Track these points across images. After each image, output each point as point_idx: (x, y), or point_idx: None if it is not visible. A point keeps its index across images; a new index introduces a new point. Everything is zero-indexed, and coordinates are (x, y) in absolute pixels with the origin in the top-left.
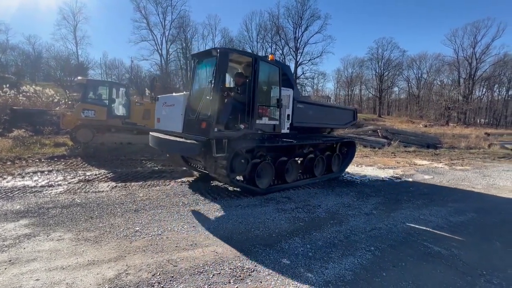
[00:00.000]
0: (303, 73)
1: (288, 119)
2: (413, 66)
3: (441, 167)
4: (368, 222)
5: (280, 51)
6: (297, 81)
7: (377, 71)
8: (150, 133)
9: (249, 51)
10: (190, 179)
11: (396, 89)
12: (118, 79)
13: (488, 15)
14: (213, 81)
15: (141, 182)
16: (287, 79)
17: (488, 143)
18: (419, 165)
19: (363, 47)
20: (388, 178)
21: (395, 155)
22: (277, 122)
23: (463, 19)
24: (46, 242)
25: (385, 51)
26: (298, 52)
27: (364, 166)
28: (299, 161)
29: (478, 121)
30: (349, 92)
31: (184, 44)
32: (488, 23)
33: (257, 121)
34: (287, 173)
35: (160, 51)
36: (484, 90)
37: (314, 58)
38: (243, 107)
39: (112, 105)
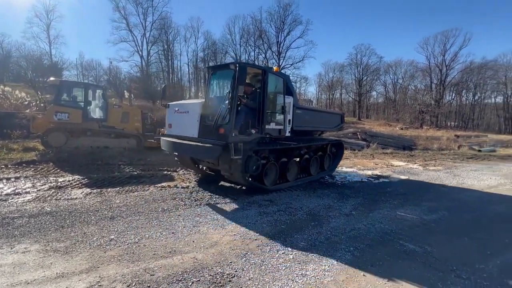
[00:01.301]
0: None
1: (289, 123)
2: (389, 72)
3: (416, 168)
4: (347, 223)
5: (263, 55)
6: None
7: (356, 76)
8: (163, 138)
9: (232, 54)
10: (171, 183)
11: (374, 93)
12: (95, 81)
13: (455, 25)
14: (231, 92)
15: (118, 188)
16: (288, 87)
17: (458, 145)
18: (396, 166)
19: (343, 52)
20: (367, 179)
21: (373, 156)
22: (282, 127)
23: (434, 28)
24: (9, 255)
25: (364, 57)
26: (281, 56)
27: (344, 168)
28: (297, 161)
29: (448, 124)
30: (330, 96)
31: (165, 46)
32: (456, 32)
33: (266, 126)
34: (288, 172)
35: (140, 53)
36: (453, 95)
37: (296, 63)
38: (253, 114)
39: (88, 108)
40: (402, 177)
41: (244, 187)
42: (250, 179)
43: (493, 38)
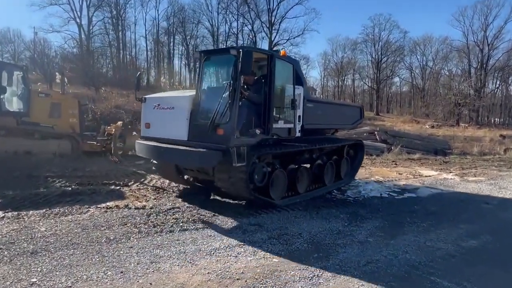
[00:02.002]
0: None
1: (299, 120)
2: (416, 52)
3: (451, 179)
4: (362, 253)
5: (250, 27)
6: None
7: (374, 56)
8: (138, 141)
9: (207, 24)
10: (121, 203)
11: (396, 79)
12: (13, 59)
13: None
14: (232, 83)
15: (44, 210)
16: (298, 75)
17: (504, 148)
18: (425, 176)
19: (356, 25)
20: (388, 194)
21: (396, 164)
22: (292, 125)
23: None
24: None
25: (383, 31)
26: (273, 28)
27: (358, 179)
28: (308, 168)
29: (492, 120)
30: (339, 82)
31: (114, 12)
32: (501, 1)
33: (274, 125)
34: (298, 182)
35: (78, 21)
36: (497, 82)
37: (294, 37)
38: (257, 109)
39: (1, 97)
40: (434, 190)
41: (242, 202)
42: (254, 192)
43: None
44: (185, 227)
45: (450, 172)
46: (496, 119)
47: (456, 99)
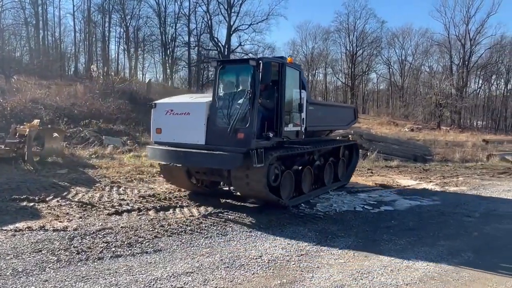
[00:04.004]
0: (240, 45)
1: (303, 123)
2: (394, 45)
3: (431, 189)
4: (331, 277)
5: (204, 7)
6: (232, 56)
7: (348, 48)
8: (150, 147)
9: (152, 2)
10: (34, 223)
11: (373, 75)
12: None
13: None
14: (251, 91)
15: None
16: (301, 81)
17: (487, 154)
18: (404, 186)
19: (328, 12)
20: (363, 207)
21: (372, 172)
22: (299, 128)
23: None
24: None
25: (358, 20)
26: (233, 11)
27: (329, 191)
28: (311, 169)
29: (475, 123)
30: (310, 77)
31: None
32: None
33: (285, 128)
34: (302, 182)
35: None
36: (480, 82)
37: (257, 23)
38: (270, 114)
39: None
40: (412, 202)
41: (191, 219)
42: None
43: None
44: (119, 253)
45: (431, 182)
46: (479, 122)
47: (437, 99)
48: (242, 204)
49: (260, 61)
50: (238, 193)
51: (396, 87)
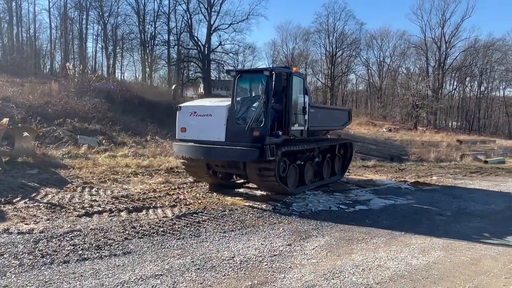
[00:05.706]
0: (220, 44)
1: (306, 123)
2: (373, 46)
3: (406, 188)
4: (303, 277)
5: (184, 6)
6: (212, 56)
7: (328, 49)
8: (176, 143)
9: None
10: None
11: (352, 76)
12: None
13: None
14: (265, 97)
15: None
16: (304, 87)
17: (460, 154)
18: (379, 185)
19: (309, 13)
20: (338, 207)
21: (349, 171)
22: (303, 128)
23: None
24: None
25: (338, 21)
26: (213, 10)
27: (306, 191)
28: (312, 164)
29: (450, 124)
30: None
31: None
32: None
33: (292, 128)
34: (305, 175)
35: None
36: (455, 83)
37: (238, 22)
38: (279, 116)
39: None
40: (387, 202)
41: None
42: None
43: (502, 9)
44: (86, 256)
45: (405, 181)
46: (453, 122)
47: (414, 100)
48: (218, 204)
49: (273, 72)
50: (254, 185)
51: (375, 88)
